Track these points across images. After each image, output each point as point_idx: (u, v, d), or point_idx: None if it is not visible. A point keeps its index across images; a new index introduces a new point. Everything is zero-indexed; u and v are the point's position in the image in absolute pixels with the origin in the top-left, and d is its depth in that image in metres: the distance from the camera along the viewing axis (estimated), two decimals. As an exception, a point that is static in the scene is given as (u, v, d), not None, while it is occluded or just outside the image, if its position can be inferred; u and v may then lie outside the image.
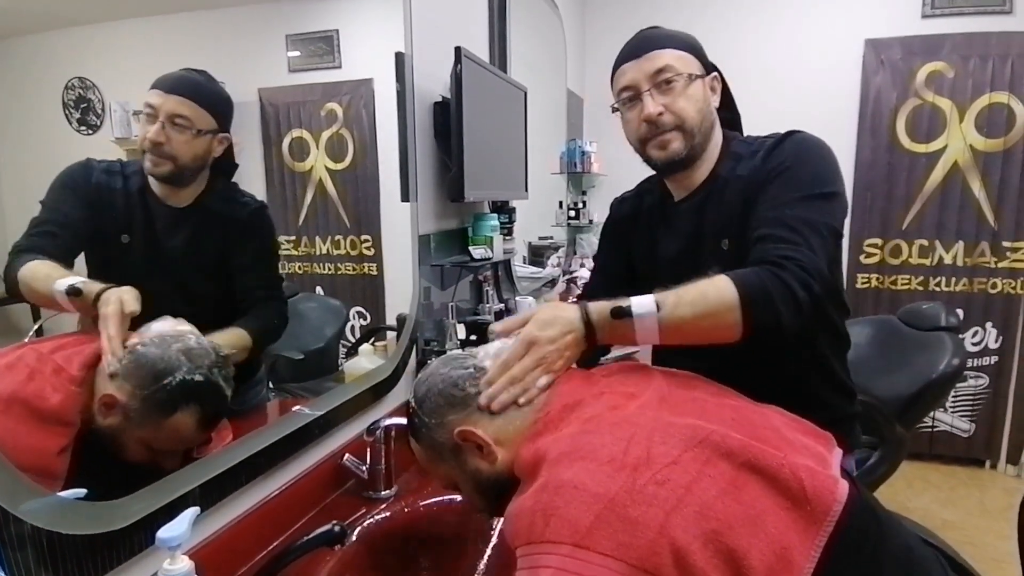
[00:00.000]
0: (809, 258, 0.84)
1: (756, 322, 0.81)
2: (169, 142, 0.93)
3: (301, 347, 1.35)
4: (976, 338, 3.06)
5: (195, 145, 0.97)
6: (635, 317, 0.82)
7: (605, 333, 0.84)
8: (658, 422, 0.65)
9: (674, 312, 0.81)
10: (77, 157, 0.89)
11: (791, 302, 0.81)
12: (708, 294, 0.82)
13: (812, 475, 0.61)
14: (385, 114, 1.41)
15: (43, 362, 0.76)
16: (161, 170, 0.95)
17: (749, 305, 0.80)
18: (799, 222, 0.88)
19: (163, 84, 0.92)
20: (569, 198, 3.20)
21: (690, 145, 1.01)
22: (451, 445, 0.76)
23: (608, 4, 3.42)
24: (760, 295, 0.81)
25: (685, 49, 1.01)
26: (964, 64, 2.90)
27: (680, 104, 0.99)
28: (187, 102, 0.94)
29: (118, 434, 0.78)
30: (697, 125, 1.00)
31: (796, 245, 0.85)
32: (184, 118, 0.93)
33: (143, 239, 0.97)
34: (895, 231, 3.12)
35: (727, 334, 0.82)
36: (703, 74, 1.02)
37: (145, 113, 0.91)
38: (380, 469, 1.15)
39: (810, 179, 0.92)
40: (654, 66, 0.99)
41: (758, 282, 0.82)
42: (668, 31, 1.05)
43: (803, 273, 0.82)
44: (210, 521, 0.87)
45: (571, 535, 0.55)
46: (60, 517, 0.65)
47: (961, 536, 2.50)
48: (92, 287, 0.80)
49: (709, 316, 0.81)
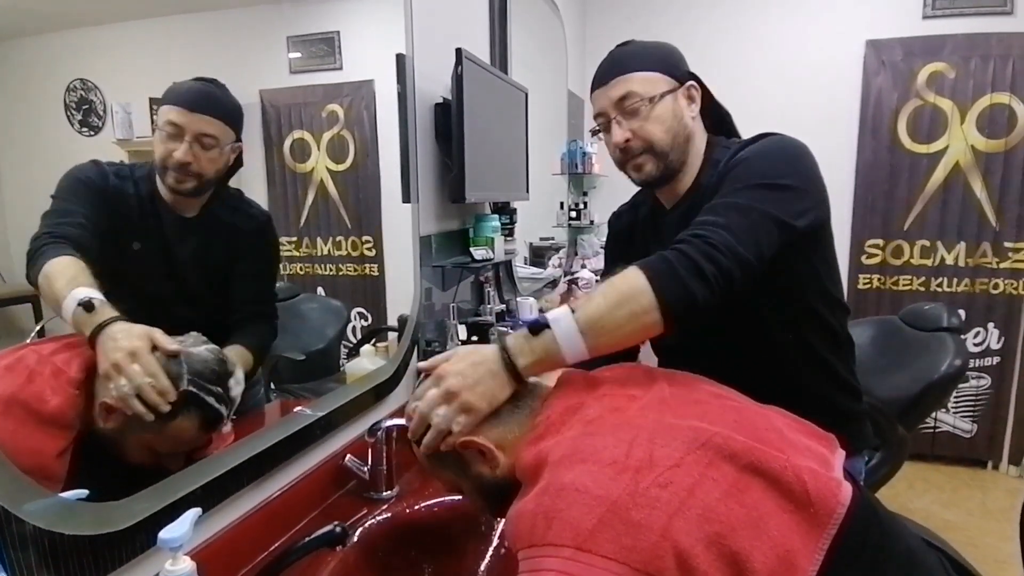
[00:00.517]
0: (718, 235, 0.83)
1: (669, 298, 0.79)
2: (197, 161, 0.93)
3: (302, 348, 1.36)
4: (978, 339, 3.06)
5: (219, 161, 0.97)
6: (552, 323, 0.79)
7: (525, 354, 0.78)
8: (660, 424, 0.65)
9: (588, 307, 0.79)
10: (79, 159, 0.88)
11: (696, 275, 0.80)
12: (615, 283, 0.81)
13: (815, 477, 0.60)
14: (386, 115, 1.41)
15: (43, 364, 0.76)
16: (186, 187, 0.95)
17: (656, 282, 0.79)
18: (723, 207, 0.88)
19: (186, 102, 0.92)
20: (570, 199, 3.20)
21: (664, 164, 1.02)
22: (454, 453, 0.76)
23: (609, 5, 3.42)
24: (664, 271, 0.80)
25: (651, 68, 1.01)
26: (965, 65, 2.90)
27: (648, 128, 1.00)
28: (214, 121, 0.94)
29: (119, 438, 0.78)
30: (668, 144, 1.01)
31: (710, 227, 0.85)
32: (211, 137, 0.94)
33: (154, 247, 0.97)
34: (897, 232, 3.12)
35: (649, 321, 0.80)
36: (672, 88, 1.01)
37: (167, 132, 0.90)
38: (381, 470, 1.15)
39: (755, 172, 0.91)
40: (617, 93, 1.00)
41: (660, 261, 0.82)
42: (636, 49, 1.04)
43: (707, 247, 0.82)
44: (212, 522, 0.87)
45: (573, 538, 0.55)
46: (62, 518, 0.65)
47: (963, 537, 2.49)
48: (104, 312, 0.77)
49: (623, 303, 0.79)
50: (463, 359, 0.78)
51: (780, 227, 0.88)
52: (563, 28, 2.97)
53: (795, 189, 0.91)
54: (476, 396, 0.75)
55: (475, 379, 0.76)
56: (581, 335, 0.78)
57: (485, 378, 0.76)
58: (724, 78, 3.20)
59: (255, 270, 1.12)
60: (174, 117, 0.90)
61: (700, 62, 1.09)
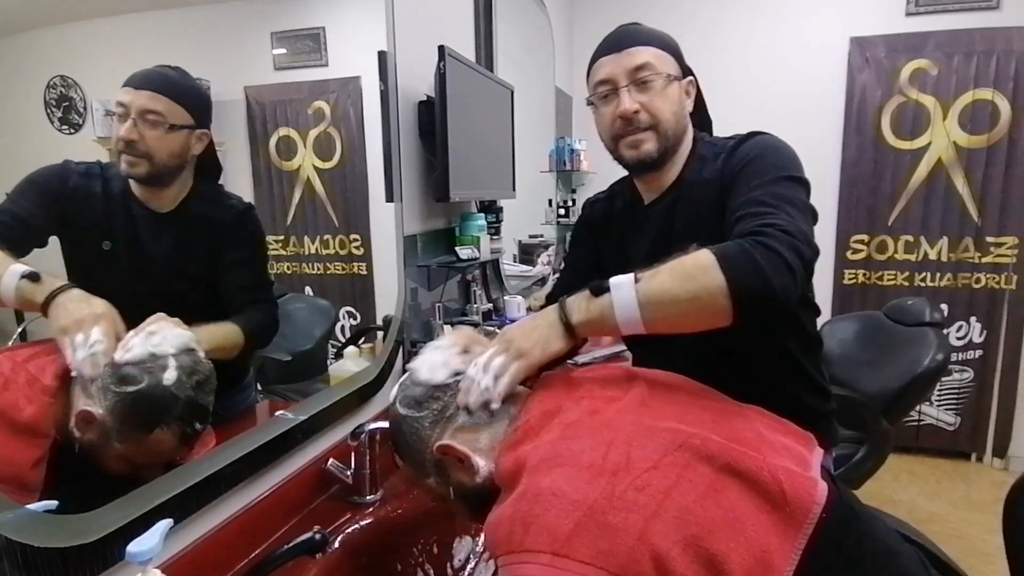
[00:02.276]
0: (790, 222, 0.79)
1: (744, 290, 0.72)
2: (143, 139, 0.90)
3: (289, 348, 1.34)
4: (961, 332, 3.09)
5: (169, 141, 0.93)
6: (612, 288, 0.76)
7: (581, 313, 0.79)
8: (638, 426, 0.65)
9: (652, 280, 0.75)
10: (59, 157, 0.87)
11: (780, 265, 0.74)
12: (685, 261, 0.76)
13: (791, 477, 0.61)
14: (373, 112, 1.40)
15: (17, 371, 0.74)
16: (137, 170, 0.92)
17: (730, 268, 0.72)
18: (772, 196, 0.85)
19: (133, 80, 0.89)
20: (559, 196, 3.20)
21: (663, 147, 1.00)
22: (433, 460, 0.76)
23: (596, 2, 3.42)
24: (740, 256, 0.74)
25: (665, 49, 1.01)
26: (948, 61, 2.93)
27: (657, 103, 0.98)
28: (158, 96, 0.91)
29: (96, 448, 0.76)
30: (672, 127, 1.00)
31: (774, 213, 0.81)
32: (155, 113, 0.90)
33: (126, 245, 0.94)
34: (881, 227, 3.15)
35: (716, 307, 0.73)
36: (680, 76, 1.02)
37: (117, 113, 0.88)
38: (365, 474, 1.14)
39: (775, 166, 0.91)
40: (634, 62, 0.98)
41: (738, 248, 0.75)
42: (649, 29, 1.04)
43: (787, 236, 0.76)
44: (187, 532, 0.85)
45: (550, 543, 0.55)
46: (31, 529, 0.64)
47: (948, 529, 2.53)
48: (52, 281, 0.76)
49: (688, 280, 0.74)
50: (523, 323, 0.82)
51: (815, 219, 0.88)
52: (550, 25, 2.96)
53: (806, 182, 0.91)
54: (530, 342, 0.78)
55: (531, 327, 0.80)
56: (639, 306, 0.75)
57: (541, 327, 0.80)
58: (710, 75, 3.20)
59: (240, 258, 1.08)
60: (121, 96, 0.88)
61: (685, 59, 1.09)
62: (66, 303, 0.77)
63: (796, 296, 0.77)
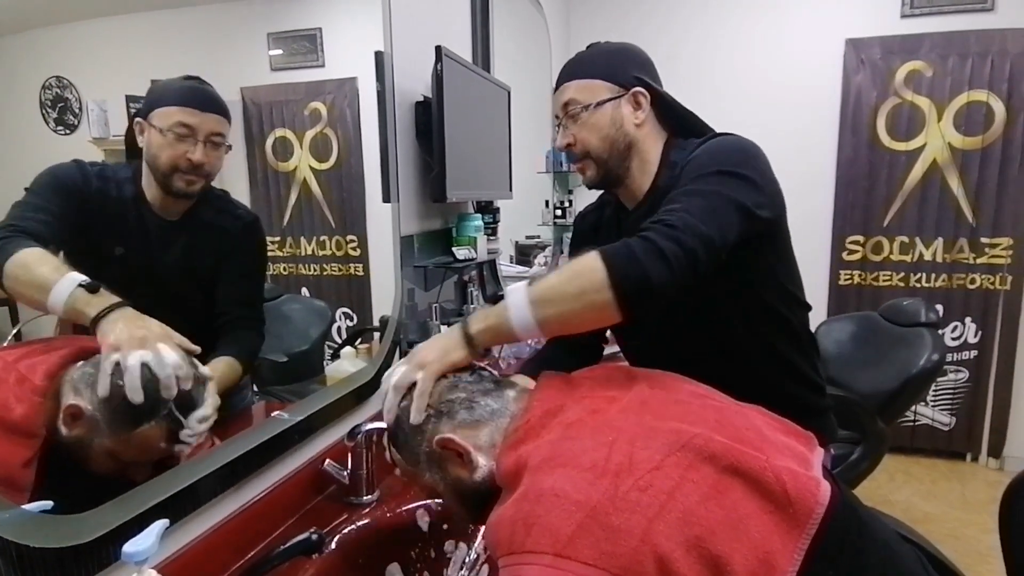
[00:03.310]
0: (680, 216, 0.82)
1: (620, 278, 0.77)
2: (210, 161, 0.93)
3: (285, 349, 1.34)
4: (956, 333, 3.11)
5: (223, 159, 0.98)
6: (506, 293, 0.81)
7: (479, 323, 0.82)
8: (640, 426, 0.65)
9: (541, 281, 0.80)
10: (54, 158, 0.86)
11: (657, 257, 0.78)
12: (572, 263, 0.82)
13: (794, 477, 0.60)
14: (370, 113, 1.40)
15: (7, 371, 0.73)
16: (195, 188, 0.94)
17: (609, 260, 0.78)
18: (682, 194, 0.87)
19: (194, 102, 0.91)
20: (555, 197, 3.20)
21: (603, 170, 1.05)
22: (431, 454, 0.75)
23: (592, 4, 3.42)
24: (620, 251, 0.79)
25: (594, 75, 1.03)
26: (943, 63, 2.94)
27: (583, 135, 1.03)
28: (222, 120, 0.95)
29: (84, 445, 0.76)
30: (604, 151, 1.03)
31: (672, 210, 0.84)
32: (221, 136, 0.94)
33: (138, 251, 0.95)
34: (876, 228, 3.16)
35: (600, 300, 0.78)
36: (614, 96, 1.02)
37: (178, 133, 0.89)
38: (362, 474, 1.14)
39: (713, 162, 0.91)
40: (562, 99, 1.05)
41: (621, 244, 0.80)
42: (588, 55, 1.07)
43: (670, 228, 0.80)
44: (183, 532, 0.85)
45: (552, 544, 0.54)
46: (26, 530, 0.63)
47: (943, 529, 2.53)
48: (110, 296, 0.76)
49: (574, 279, 0.79)
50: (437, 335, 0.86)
51: (741, 211, 0.87)
52: (547, 26, 2.96)
53: (753, 180, 0.90)
54: (432, 353, 0.80)
55: (435, 339, 0.84)
56: (530, 305, 0.79)
57: (443, 338, 0.83)
58: (706, 77, 3.21)
59: (242, 271, 1.10)
60: (186, 118, 0.90)
61: (682, 61, 1.10)
62: (123, 320, 0.76)
63: (679, 284, 0.80)
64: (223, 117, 0.96)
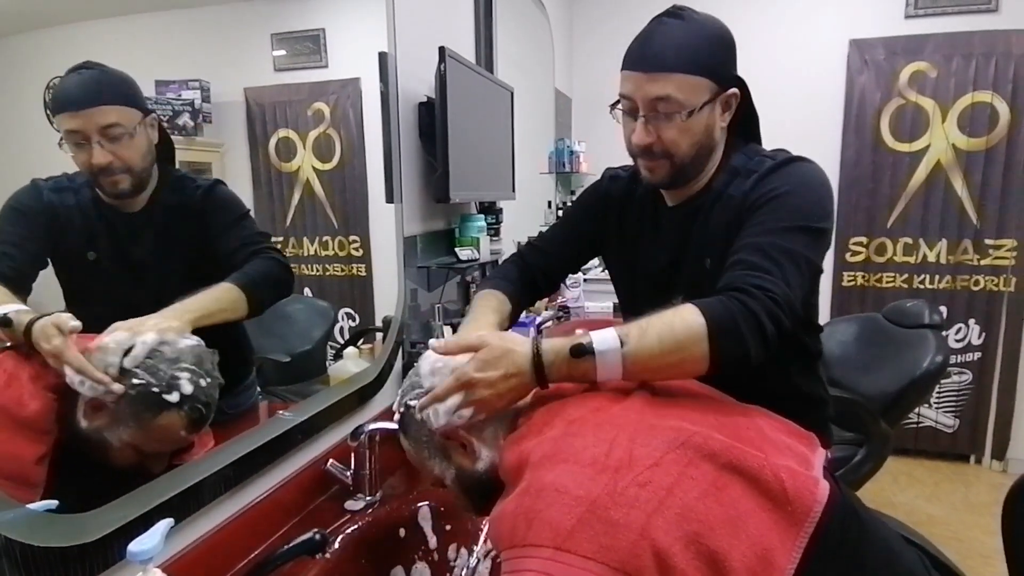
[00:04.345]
0: (782, 290, 0.79)
1: (723, 355, 0.75)
2: (117, 157, 0.86)
3: (288, 350, 1.35)
4: (960, 335, 3.10)
5: (137, 145, 0.89)
6: (597, 354, 0.74)
7: (560, 374, 0.76)
8: (641, 424, 0.65)
9: (640, 346, 0.74)
10: (57, 159, 0.86)
11: (758, 334, 0.76)
12: (675, 326, 0.75)
13: (793, 476, 0.61)
14: (373, 114, 1.40)
15: (21, 368, 0.74)
16: (123, 187, 0.89)
17: (716, 337, 0.75)
18: (778, 251, 0.83)
19: (72, 102, 0.83)
20: (558, 198, 3.20)
21: (678, 173, 0.96)
22: (437, 442, 0.77)
23: (595, 4, 3.43)
24: (728, 326, 0.75)
25: (698, 72, 0.89)
26: (947, 64, 2.93)
27: (672, 137, 0.92)
28: (110, 108, 0.86)
29: (104, 438, 0.76)
30: (688, 156, 0.94)
31: (770, 275, 0.80)
32: (116, 126, 0.86)
33: (109, 253, 0.93)
34: (880, 229, 3.15)
35: (694, 368, 0.76)
36: (713, 97, 0.92)
37: (72, 141, 0.83)
38: (365, 474, 1.14)
39: (799, 210, 0.87)
40: (654, 92, 0.89)
41: (726, 312, 0.76)
42: (688, 38, 0.90)
43: (773, 305, 0.78)
44: (188, 531, 0.85)
45: (552, 538, 0.55)
46: (32, 529, 0.64)
47: (947, 531, 2.52)
48: (22, 317, 0.74)
49: (676, 350, 0.75)
50: (493, 366, 0.75)
51: (815, 273, 0.89)
52: (550, 27, 2.97)
53: (826, 232, 0.89)
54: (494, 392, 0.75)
55: (505, 390, 0.75)
56: (623, 369, 0.75)
57: (515, 389, 0.76)
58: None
59: (223, 223, 1.05)
60: (69, 124, 0.83)
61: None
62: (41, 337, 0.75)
63: (763, 361, 0.78)
64: (109, 104, 0.85)
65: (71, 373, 0.74)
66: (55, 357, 0.74)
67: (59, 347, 0.74)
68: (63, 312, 0.77)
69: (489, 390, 0.74)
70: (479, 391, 0.74)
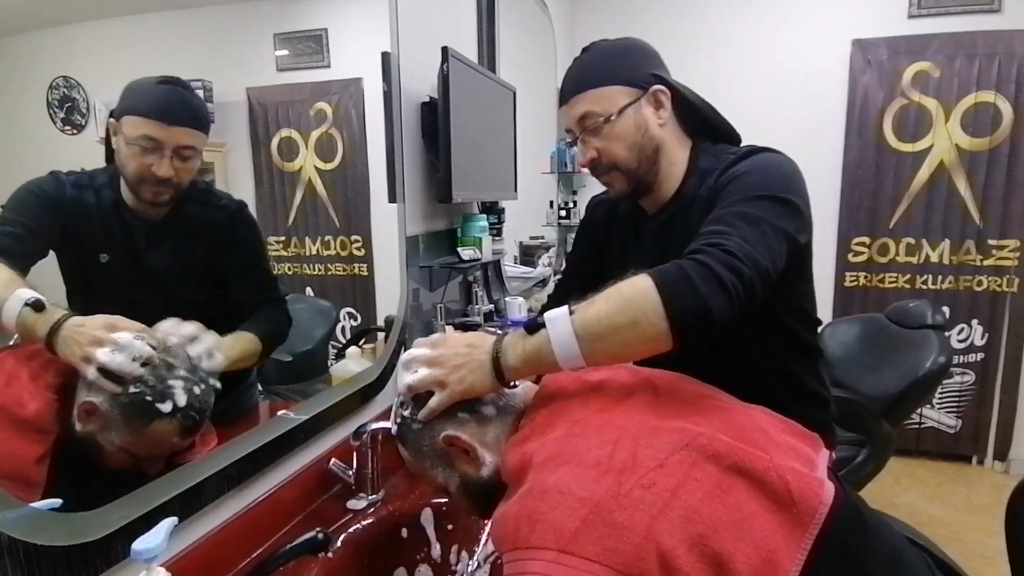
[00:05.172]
0: (737, 243, 0.76)
1: (679, 311, 0.70)
2: (177, 175, 0.90)
3: (290, 349, 1.34)
4: (962, 335, 3.09)
5: (195, 166, 0.94)
6: (548, 323, 0.73)
7: (516, 352, 0.75)
8: (645, 425, 0.65)
9: (588, 311, 0.72)
10: (63, 157, 0.86)
11: (715, 284, 0.71)
12: (622, 288, 0.73)
13: (798, 477, 0.60)
14: (375, 113, 1.41)
15: (20, 368, 0.74)
16: (163, 199, 0.92)
17: (665, 290, 0.70)
18: (735, 216, 0.82)
19: (161, 114, 0.87)
20: (560, 198, 3.20)
21: (634, 180, 1.00)
22: (438, 450, 0.76)
23: (597, 4, 3.42)
24: (677, 277, 0.72)
25: (608, 81, 0.97)
26: (950, 64, 2.93)
27: (607, 147, 0.98)
28: (194, 132, 0.91)
29: (98, 441, 0.77)
30: (632, 160, 0.98)
31: (726, 233, 0.78)
32: (191, 148, 0.91)
33: (123, 257, 0.93)
34: (882, 230, 3.14)
35: (654, 332, 0.71)
36: (634, 99, 0.96)
37: (142, 146, 0.86)
38: (367, 474, 1.14)
39: (761, 184, 0.87)
40: (577, 112, 0.99)
41: (675, 268, 0.73)
42: (594, 58, 1.00)
43: (727, 256, 0.74)
44: (191, 530, 0.85)
45: (556, 540, 0.55)
46: (35, 528, 0.64)
47: (949, 532, 2.52)
48: (56, 311, 0.74)
49: (625, 309, 0.71)
50: (462, 338, 0.78)
51: (788, 241, 0.84)
52: (552, 27, 2.97)
53: (796, 206, 0.87)
54: (456, 377, 0.75)
55: (465, 358, 0.76)
56: (576, 339, 0.71)
57: (473, 363, 0.76)
58: (712, 78, 3.20)
59: (243, 263, 1.08)
60: (151, 131, 0.86)
61: (686, 61, 1.09)
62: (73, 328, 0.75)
63: (735, 316, 0.74)
64: (196, 129, 0.92)
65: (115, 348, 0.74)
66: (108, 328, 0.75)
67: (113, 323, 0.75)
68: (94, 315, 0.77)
69: (453, 373, 0.75)
70: (444, 370, 0.75)
